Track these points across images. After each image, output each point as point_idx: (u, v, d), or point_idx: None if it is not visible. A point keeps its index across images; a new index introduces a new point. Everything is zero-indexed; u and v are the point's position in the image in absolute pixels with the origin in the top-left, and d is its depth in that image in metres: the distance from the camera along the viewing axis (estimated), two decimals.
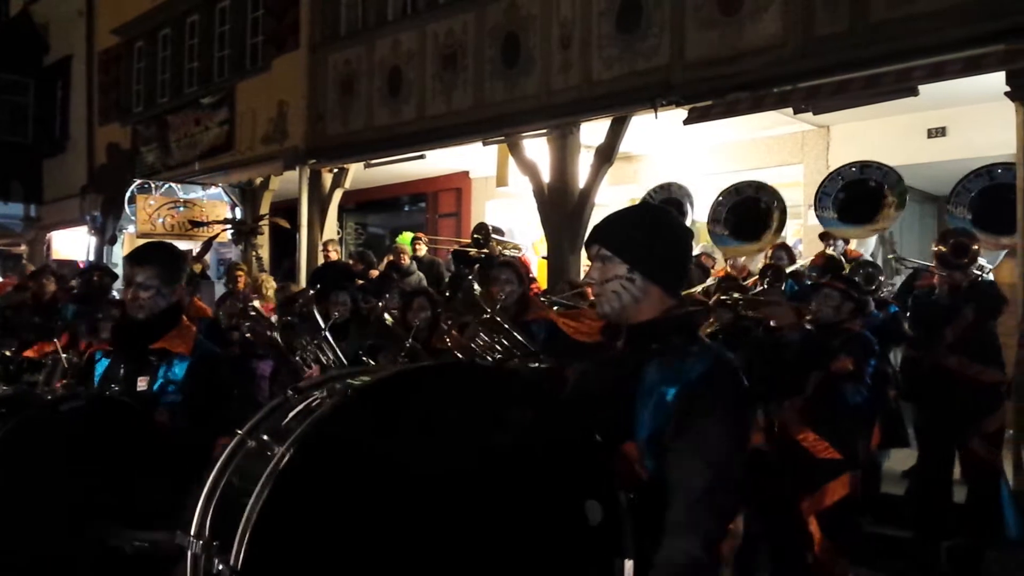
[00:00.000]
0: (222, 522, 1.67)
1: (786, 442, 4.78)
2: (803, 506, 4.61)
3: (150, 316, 3.10)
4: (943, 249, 5.86)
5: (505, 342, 4.36)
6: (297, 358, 5.59)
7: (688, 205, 9.29)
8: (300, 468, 1.64)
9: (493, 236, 9.81)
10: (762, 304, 5.24)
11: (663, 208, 2.35)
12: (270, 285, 9.12)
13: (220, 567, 1.61)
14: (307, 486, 1.65)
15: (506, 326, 4.41)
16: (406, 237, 10.57)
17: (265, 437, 1.74)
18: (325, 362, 5.42)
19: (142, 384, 3.02)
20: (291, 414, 1.82)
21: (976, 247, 5.84)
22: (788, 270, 7.11)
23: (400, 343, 5.13)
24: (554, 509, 1.87)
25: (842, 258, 7.34)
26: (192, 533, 1.69)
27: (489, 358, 4.28)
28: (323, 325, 5.54)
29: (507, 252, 9.86)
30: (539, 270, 10.47)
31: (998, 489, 5.63)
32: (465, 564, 1.76)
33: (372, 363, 5.16)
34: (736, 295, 5.51)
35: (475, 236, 9.78)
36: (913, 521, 5.79)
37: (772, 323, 4.97)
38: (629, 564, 1.89)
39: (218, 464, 1.77)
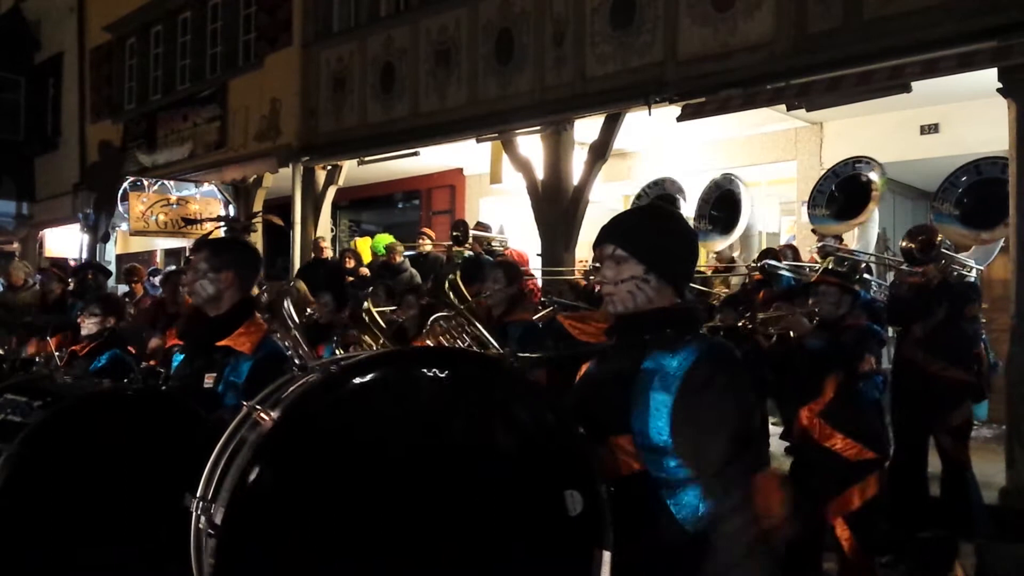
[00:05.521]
0: (220, 485, 1.78)
1: (808, 447, 4.73)
2: (829, 509, 4.56)
3: (202, 302, 3.12)
4: (911, 246, 5.93)
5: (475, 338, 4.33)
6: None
7: (681, 200, 9.37)
8: (282, 436, 1.73)
9: (478, 232, 9.89)
10: (775, 320, 5.23)
11: (675, 210, 2.35)
12: None
13: (203, 523, 1.74)
14: (288, 454, 1.73)
15: (476, 323, 4.37)
16: (366, 241, 10.77)
17: (258, 405, 1.86)
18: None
19: (208, 381, 2.99)
20: (290, 388, 1.91)
21: (940, 239, 5.90)
22: (784, 264, 7.15)
23: (378, 338, 5.11)
24: (534, 498, 1.89)
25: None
26: (198, 495, 1.82)
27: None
28: (296, 322, 5.40)
29: (494, 247, 9.92)
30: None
31: (966, 482, 5.68)
32: (441, 545, 1.80)
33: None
34: (749, 317, 5.47)
35: (454, 234, 9.84)
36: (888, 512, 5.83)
37: (792, 334, 4.96)
38: (607, 555, 1.91)
39: (227, 433, 1.87)
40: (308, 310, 6.26)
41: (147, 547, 2.40)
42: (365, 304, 5.71)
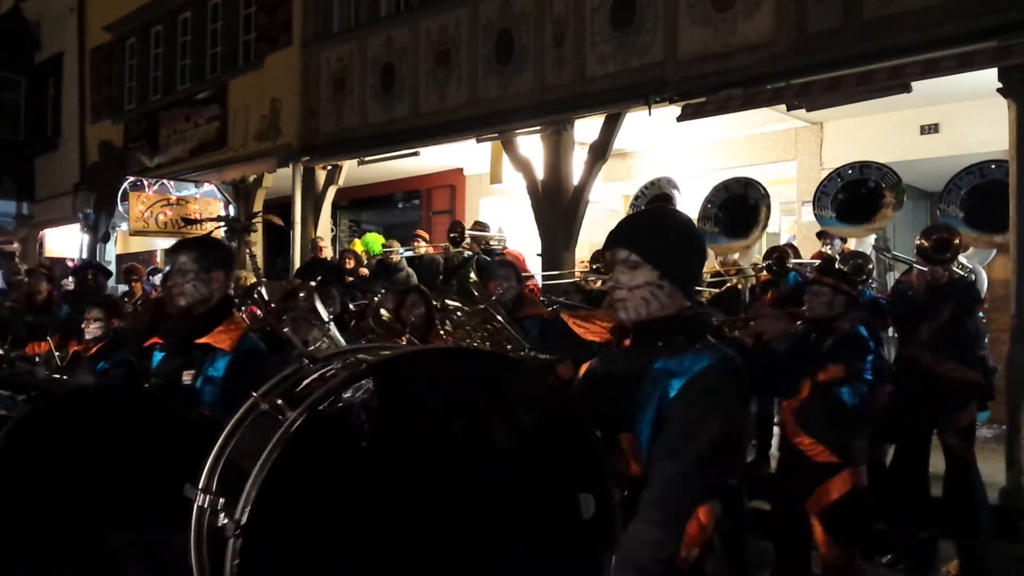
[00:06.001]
0: (229, 479, 1.75)
1: (786, 444, 4.76)
2: (807, 506, 4.57)
3: (192, 303, 3.15)
4: (925, 244, 5.91)
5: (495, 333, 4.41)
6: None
7: (676, 194, 9.32)
8: (309, 433, 1.71)
9: (476, 232, 9.91)
10: (750, 321, 5.18)
11: (683, 213, 2.33)
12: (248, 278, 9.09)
13: (225, 521, 1.69)
14: (314, 451, 1.72)
15: (500, 318, 4.46)
16: (357, 245, 10.86)
17: (279, 401, 1.82)
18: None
19: (187, 378, 3.03)
20: (305, 382, 1.89)
21: (957, 242, 5.87)
22: (791, 262, 7.14)
23: (396, 338, 5.15)
24: (548, 499, 1.90)
25: (836, 256, 7.35)
26: (200, 487, 1.79)
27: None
28: (326, 317, 5.50)
29: (492, 247, 9.94)
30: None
31: (971, 483, 5.66)
32: (457, 544, 1.81)
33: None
34: (718, 320, 5.42)
35: (451, 235, 9.87)
36: (888, 512, 5.81)
37: (764, 336, 4.93)
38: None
39: (230, 424, 1.86)
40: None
41: (132, 541, 2.41)
42: (382, 311, 5.83)
